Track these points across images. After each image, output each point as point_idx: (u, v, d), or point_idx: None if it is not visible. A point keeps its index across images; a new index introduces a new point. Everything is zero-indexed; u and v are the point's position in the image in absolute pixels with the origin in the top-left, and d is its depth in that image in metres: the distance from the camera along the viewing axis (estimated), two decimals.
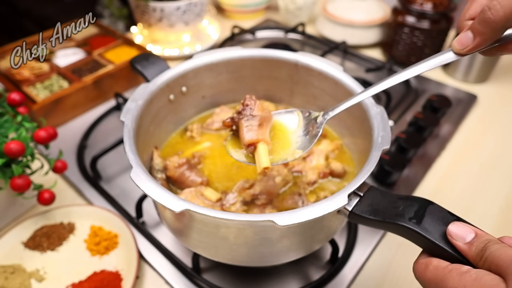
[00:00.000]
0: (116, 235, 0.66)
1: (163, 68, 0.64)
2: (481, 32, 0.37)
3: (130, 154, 0.48)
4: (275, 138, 0.50)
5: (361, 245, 0.66)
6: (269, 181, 0.58)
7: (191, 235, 0.51)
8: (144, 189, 0.43)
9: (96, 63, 1.02)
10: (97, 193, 0.75)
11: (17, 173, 0.59)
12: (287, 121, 0.52)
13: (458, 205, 0.75)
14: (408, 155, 0.80)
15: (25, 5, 1.92)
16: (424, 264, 0.36)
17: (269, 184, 0.58)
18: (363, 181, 0.44)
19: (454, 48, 0.40)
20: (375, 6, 1.19)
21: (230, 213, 0.42)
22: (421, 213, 0.38)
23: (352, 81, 0.60)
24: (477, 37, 0.37)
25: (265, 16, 1.43)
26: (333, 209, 0.41)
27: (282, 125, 0.52)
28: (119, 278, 0.60)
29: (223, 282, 0.61)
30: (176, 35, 1.16)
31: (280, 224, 0.39)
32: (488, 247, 0.33)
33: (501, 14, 0.34)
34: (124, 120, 0.53)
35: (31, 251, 0.65)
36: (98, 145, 0.85)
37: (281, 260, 0.53)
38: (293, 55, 0.66)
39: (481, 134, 0.91)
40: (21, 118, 0.65)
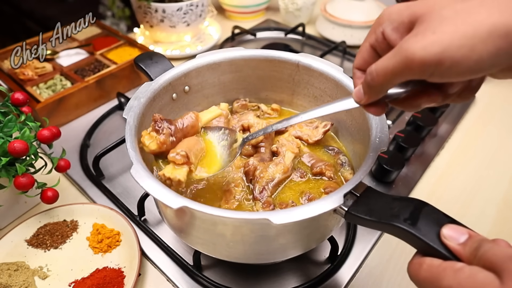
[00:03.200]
0: (119, 233, 0.67)
1: (167, 67, 0.65)
2: (366, 91, 0.41)
3: (131, 151, 0.49)
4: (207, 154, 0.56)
5: (360, 243, 0.67)
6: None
7: (190, 232, 0.52)
8: (143, 186, 0.44)
9: (98, 63, 1.03)
10: (99, 191, 0.76)
11: (20, 172, 0.59)
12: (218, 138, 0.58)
13: (456, 203, 0.76)
14: (406, 154, 0.81)
15: (28, 6, 1.93)
16: (418, 264, 0.37)
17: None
18: (360, 181, 0.45)
19: (354, 98, 0.44)
20: (374, 6, 1.20)
21: (227, 211, 0.42)
22: (416, 214, 0.39)
23: (351, 82, 0.60)
24: (365, 94, 0.42)
25: (265, 16, 1.44)
26: (329, 208, 0.42)
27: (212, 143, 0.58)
28: (121, 275, 0.61)
29: (223, 279, 0.62)
30: (177, 35, 1.17)
31: (276, 222, 0.40)
32: (481, 246, 0.33)
33: (376, 81, 0.38)
34: (127, 117, 0.54)
35: (35, 249, 0.65)
36: (101, 144, 0.86)
37: (278, 258, 0.54)
38: (295, 56, 0.67)
39: (479, 133, 0.92)
40: (25, 117, 0.66)
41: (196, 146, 0.54)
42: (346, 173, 0.61)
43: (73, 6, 2.03)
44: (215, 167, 0.55)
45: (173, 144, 0.53)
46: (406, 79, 0.37)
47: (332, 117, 0.68)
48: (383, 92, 0.40)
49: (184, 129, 0.55)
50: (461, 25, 0.32)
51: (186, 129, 0.55)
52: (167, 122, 0.53)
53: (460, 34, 0.32)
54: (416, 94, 0.41)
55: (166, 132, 0.53)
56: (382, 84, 0.38)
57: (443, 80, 0.35)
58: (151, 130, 0.53)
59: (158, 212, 0.68)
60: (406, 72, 0.35)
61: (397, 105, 0.44)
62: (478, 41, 0.31)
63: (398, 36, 0.38)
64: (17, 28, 1.97)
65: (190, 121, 0.56)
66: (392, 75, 0.36)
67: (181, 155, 0.51)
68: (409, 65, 0.34)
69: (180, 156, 0.51)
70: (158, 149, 0.52)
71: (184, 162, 0.51)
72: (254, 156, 0.62)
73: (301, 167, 0.62)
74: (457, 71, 0.33)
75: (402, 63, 0.35)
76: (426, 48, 0.33)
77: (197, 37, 1.23)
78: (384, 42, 0.40)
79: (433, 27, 0.33)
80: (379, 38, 0.40)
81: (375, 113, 0.44)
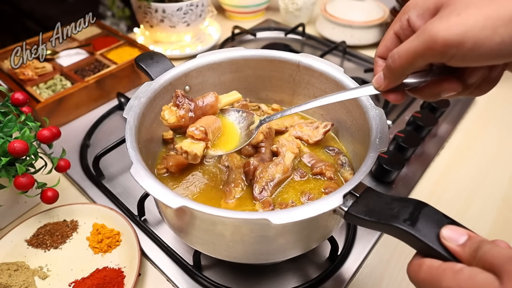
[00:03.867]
0: (119, 233, 0.67)
1: (167, 67, 0.65)
2: (387, 76, 0.42)
3: (131, 151, 0.49)
4: (223, 133, 0.58)
5: (360, 243, 0.67)
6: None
7: (189, 231, 0.52)
8: (142, 185, 0.44)
9: (98, 63, 1.03)
10: (99, 191, 0.76)
11: (20, 172, 0.59)
12: (236, 119, 0.60)
13: (456, 204, 0.76)
14: (406, 154, 0.81)
15: (28, 5, 1.93)
16: (417, 265, 0.37)
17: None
18: (359, 181, 0.45)
19: (374, 85, 0.45)
20: (374, 6, 1.20)
21: (227, 211, 0.42)
22: (415, 215, 0.39)
23: (352, 83, 0.61)
24: (385, 79, 0.42)
25: (265, 16, 1.44)
26: (328, 209, 0.42)
27: (229, 123, 0.59)
28: (121, 275, 0.61)
29: (223, 279, 0.62)
30: (177, 35, 1.17)
31: (275, 222, 0.40)
32: (481, 247, 0.33)
33: (397, 64, 0.39)
34: (127, 117, 0.54)
35: (35, 249, 0.65)
36: (101, 144, 0.86)
37: (278, 258, 0.54)
38: (295, 56, 0.67)
39: (479, 133, 0.92)
40: (25, 117, 0.66)
41: (214, 124, 0.56)
42: (346, 174, 0.61)
43: (73, 6, 2.03)
44: (231, 146, 0.56)
45: (192, 120, 0.55)
46: (427, 62, 0.37)
47: (332, 117, 0.68)
48: (404, 76, 0.41)
49: (203, 107, 0.56)
50: (485, 8, 0.33)
51: (205, 108, 0.57)
52: (188, 99, 0.55)
53: (484, 16, 0.33)
54: (436, 83, 0.42)
55: (186, 107, 0.54)
56: (403, 66, 0.39)
57: (464, 63, 0.36)
58: (171, 104, 0.55)
59: (158, 212, 0.68)
60: (428, 54, 0.36)
61: (416, 94, 0.44)
62: (501, 23, 0.32)
63: (422, 22, 0.39)
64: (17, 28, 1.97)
65: (210, 100, 0.57)
66: (413, 57, 0.37)
67: (200, 130, 0.53)
68: (432, 46, 0.35)
69: (199, 131, 0.52)
70: (176, 123, 0.54)
71: (202, 138, 0.52)
72: (254, 156, 0.62)
73: (301, 167, 0.62)
74: (478, 54, 0.34)
75: (425, 44, 0.35)
76: (450, 28, 0.34)
77: (197, 37, 1.23)
78: (409, 29, 0.41)
79: (458, 10, 0.34)
80: (403, 26, 0.41)
81: (394, 100, 0.44)
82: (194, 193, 0.59)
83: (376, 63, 0.46)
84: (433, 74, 0.42)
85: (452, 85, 0.41)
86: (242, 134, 0.58)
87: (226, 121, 0.59)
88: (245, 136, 0.57)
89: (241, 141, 0.57)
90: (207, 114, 0.57)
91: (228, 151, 0.56)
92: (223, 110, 0.60)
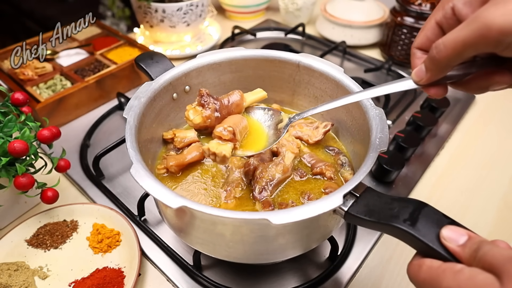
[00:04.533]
0: (119, 233, 0.67)
1: (167, 67, 0.65)
2: (430, 68, 0.39)
3: (131, 151, 0.49)
4: (249, 133, 0.56)
5: (360, 243, 0.67)
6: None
7: (189, 231, 0.52)
8: (143, 185, 0.44)
9: (98, 63, 1.03)
10: (99, 191, 0.76)
11: (20, 172, 0.59)
12: (260, 118, 0.58)
13: (456, 204, 0.76)
14: (406, 154, 0.81)
15: (28, 5, 1.93)
16: (417, 265, 0.37)
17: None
18: (359, 181, 0.45)
19: (413, 79, 0.42)
20: (374, 6, 1.20)
21: (227, 211, 0.42)
22: (415, 215, 0.39)
23: (352, 83, 0.61)
24: (428, 71, 0.40)
25: (265, 16, 1.44)
26: (328, 209, 0.42)
27: (255, 122, 0.58)
28: (121, 275, 0.61)
29: (223, 279, 0.62)
30: (177, 35, 1.17)
31: (275, 222, 0.40)
32: (481, 248, 0.33)
33: (443, 54, 0.36)
34: (127, 117, 0.54)
35: (35, 249, 0.65)
36: (101, 144, 0.86)
37: (278, 258, 0.54)
38: (295, 56, 0.67)
39: (479, 133, 0.92)
40: (25, 117, 0.66)
41: (241, 123, 0.54)
42: (346, 174, 0.61)
43: (73, 6, 2.03)
44: (259, 146, 0.55)
45: (218, 120, 0.53)
46: (477, 52, 0.35)
47: (332, 117, 0.68)
48: (449, 69, 0.38)
49: (229, 106, 0.54)
50: None
51: (231, 107, 0.55)
52: (213, 98, 0.53)
53: None
54: (485, 75, 0.39)
55: (212, 107, 0.52)
56: (449, 58, 0.36)
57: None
58: (196, 104, 0.53)
59: (158, 212, 0.68)
60: (481, 43, 0.33)
61: (459, 87, 0.42)
62: None
63: (470, 10, 0.37)
64: (17, 28, 1.97)
65: (235, 99, 0.55)
66: (462, 47, 0.35)
67: (228, 130, 0.51)
68: (485, 34, 0.33)
69: (227, 132, 0.51)
70: (202, 123, 0.52)
71: (230, 138, 0.51)
72: (254, 156, 0.62)
73: (301, 167, 0.62)
74: None
75: (477, 32, 0.33)
76: (507, 15, 0.31)
77: (197, 37, 1.23)
78: (453, 18, 0.39)
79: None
80: (447, 14, 0.39)
81: (436, 95, 0.42)
82: (194, 193, 0.59)
83: (414, 55, 0.43)
84: (477, 66, 0.39)
85: (504, 77, 0.38)
86: (269, 133, 0.56)
87: (252, 120, 0.58)
88: (273, 135, 0.56)
89: (270, 141, 0.55)
90: (233, 114, 0.55)
91: (257, 151, 0.54)
92: (248, 109, 0.58)
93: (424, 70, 0.40)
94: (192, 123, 0.52)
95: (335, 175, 0.61)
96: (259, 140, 0.55)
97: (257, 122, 0.58)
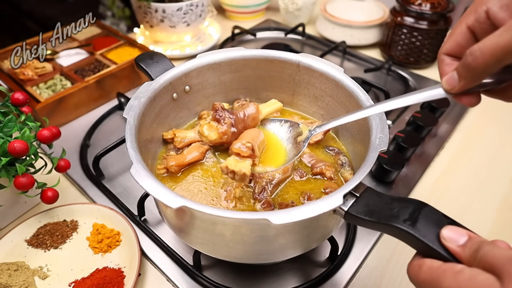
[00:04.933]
0: (119, 233, 0.67)
1: (167, 67, 0.65)
2: (464, 75, 0.37)
3: (131, 151, 0.49)
4: (267, 148, 0.52)
5: (360, 243, 0.67)
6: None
7: (189, 231, 0.52)
8: (143, 185, 0.44)
9: (98, 63, 1.03)
10: (99, 191, 0.76)
11: (20, 172, 0.59)
12: (277, 131, 0.54)
13: (456, 204, 0.76)
14: (406, 154, 0.81)
15: (28, 5, 1.93)
16: (418, 265, 0.37)
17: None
18: (360, 181, 0.44)
19: (444, 87, 0.40)
20: (374, 6, 1.20)
21: (227, 211, 0.42)
22: (415, 215, 0.39)
23: (352, 83, 0.61)
24: (461, 79, 0.38)
25: (265, 16, 1.44)
26: (328, 209, 0.42)
27: (273, 136, 0.54)
28: (121, 275, 0.61)
29: (223, 279, 0.62)
30: (177, 35, 1.17)
31: (275, 222, 0.40)
32: (481, 248, 0.33)
33: (480, 61, 0.34)
34: (127, 117, 0.54)
35: (35, 249, 0.65)
36: (101, 144, 0.86)
37: (278, 258, 0.54)
38: (295, 56, 0.67)
39: (479, 133, 0.92)
40: (25, 117, 0.66)
41: (259, 138, 0.51)
42: (346, 174, 0.61)
43: (73, 6, 2.03)
44: (278, 161, 0.52)
45: (234, 136, 0.50)
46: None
47: (332, 117, 0.68)
48: (485, 76, 0.36)
49: (245, 120, 0.52)
50: None
51: (247, 120, 0.52)
52: (228, 112, 0.51)
53: None
54: None
55: (228, 121, 0.50)
56: (487, 65, 0.34)
57: None
58: (211, 119, 0.51)
59: (158, 212, 0.68)
60: None
61: (494, 95, 0.40)
62: None
63: (507, 15, 0.35)
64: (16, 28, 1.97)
65: (251, 112, 0.53)
66: (502, 54, 0.33)
67: (247, 146, 0.48)
68: None
69: (246, 148, 0.48)
70: (218, 140, 0.50)
71: (249, 155, 0.48)
72: None
73: (301, 167, 0.62)
74: None
75: None
76: None
77: (197, 37, 1.23)
78: (487, 23, 0.37)
79: None
80: (481, 18, 0.37)
81: (469, 103, 0.40)
82: (194, 193, 0.59)
83: (443, 61, 0.41)
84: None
85: None
86: (288, 146, 0.53)
87: (268, 133, 0.55)
88: (293, 149, 0.53)
89: (289, 155, 0.52)
90: (249, 128, 0.52)
91: (277, 167, 0.51)
92: (263, 121, 0.55)
93: (456, 77, 0.38)
94: (207, 139, 0.50)
95: (335, 175, 0.61)
96: (278, 155, 0.53)
97: (274, 135, 0.55)
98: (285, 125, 0.55)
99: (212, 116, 0.50)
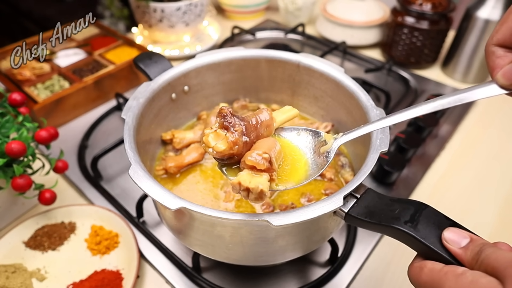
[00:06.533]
0: (117, 234, 0.66)
1: (166, 67, 0.64)
2: None
3: (130, 152, 0.49)
4: (284, 160, 0.45)
5: (360, 245, 0.66)
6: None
7: (188, 233, 0.52)
8: (141, 186, 0.44)
9: (97, 63, 1.02)
10: (98, 192, 0.76)
11: (18, 173, 0.59)
12: (295, 141, 0.47)
13: (457, 205, 0.76)
14: (407, 155, 0.81)
15: (27, 5, 1.93)
16: (419, 267, 0.36)
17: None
18: (360, 183, 0.44)
19: (500, 82, 0.35)
20: (374, 6, 1.20)
21: (226, 212, 0.42)
22: (416, 216, 0.38)
23: (353, 83, 0.60)
24: None
25: (265, 16, 1.44)
26: (329, 210, 0.41)
27: (292, 146, 0.47)
28: (119, 277, 0.61)
29: (223, 282, 0.61)
30: (176, 35, 1.17)
31: (275, 224, 0.40)
32: (484, 250, 0.33)
33: None
34: (125, 118, 0.53)
35: (32, 251, 0.65)
36: (99, 145, 0.86)
37: (277, 260, 0.53)
38: (295, 56, 0.66)
39: (480, 134, 0.92)
40: (22, 118, 0.65)
41: (275, 148, 0.43)
42: (347, 175, 0.61)
43: (71, 6, 2.03)
44: (299, 176, 0.45)
45: (246, 146, 0.42)
46: None
47: (333, 118, 0.68)
48: None
49: (258, 128, 0.43)
50: None
51: (260, 129, 0.43)
52: (238, 118, 0.42)
53: None
54: None
55: (239, 129, 0.41)
56: None
57: None
58: (218, 127, 0.42)
59: (156, 213, 0.68)
60: None
61: None
62: None
63: None
64: (15, 28, 1.96)
65: (265, 118, 0.44)
66: None
67: (263, 157, 0.40)
68: None
69: (262, 160, 0.39)
70: (228, 150, 0.40)
71: (266, 168, 0.40)
72: None
73: None
74: None
75: None
76: None
77: (196, 37, 1.22)
78: None
79: None
80: None
81: None
82: (193, 194, 0.59)
83: (493, 53, 0.36)
84: None
85: None
86: (310, 158, 0.46)
87: (285, 143, 0.47)
88: (316, 162, 0.45)
89: (312, 168, 0.45)
90: (262, 137, 0.44)
91: (299, 183, 0.43)
92: (277, 130, 0.47)
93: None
94: (214, 150, 0.40)
95: (336, 176, 0.60)
96: (298, 168, 0.45)
97: (292, 145, 0.47)
98: (303, 134, 0.48)
99: (220, 123, 0.41)
